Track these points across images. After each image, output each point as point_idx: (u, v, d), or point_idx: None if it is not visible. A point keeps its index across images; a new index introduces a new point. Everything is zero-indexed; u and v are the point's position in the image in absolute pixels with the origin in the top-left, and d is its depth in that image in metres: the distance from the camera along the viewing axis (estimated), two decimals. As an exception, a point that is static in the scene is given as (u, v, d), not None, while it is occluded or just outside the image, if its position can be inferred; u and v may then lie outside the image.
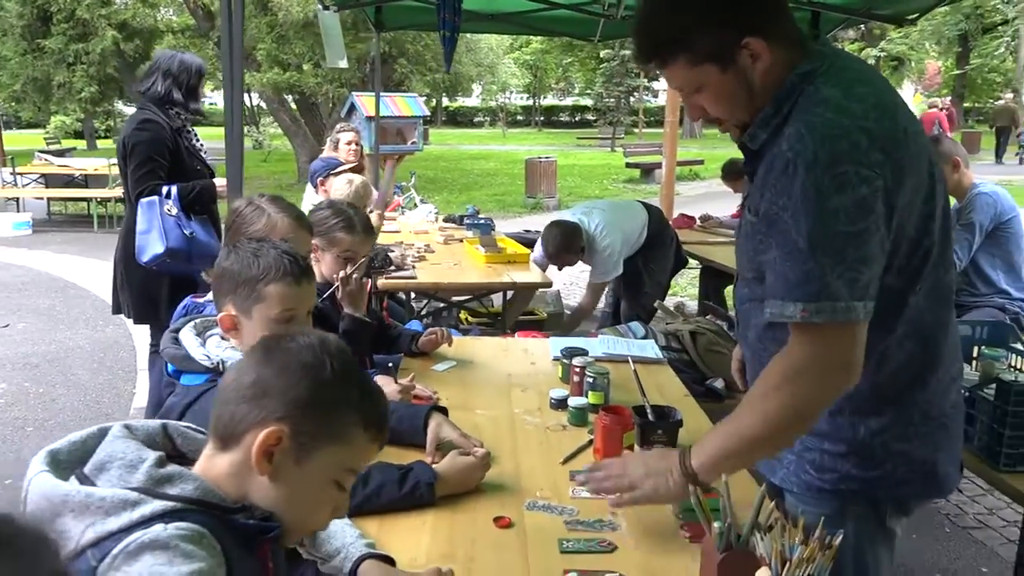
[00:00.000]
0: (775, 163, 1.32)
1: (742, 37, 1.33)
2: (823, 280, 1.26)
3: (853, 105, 1.30)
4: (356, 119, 11.93)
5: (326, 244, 2.51)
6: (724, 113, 1.43)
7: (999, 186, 3.96)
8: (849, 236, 1.26)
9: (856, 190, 1.25)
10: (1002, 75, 31.65)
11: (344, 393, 1.05)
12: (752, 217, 1.42)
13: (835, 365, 1.31)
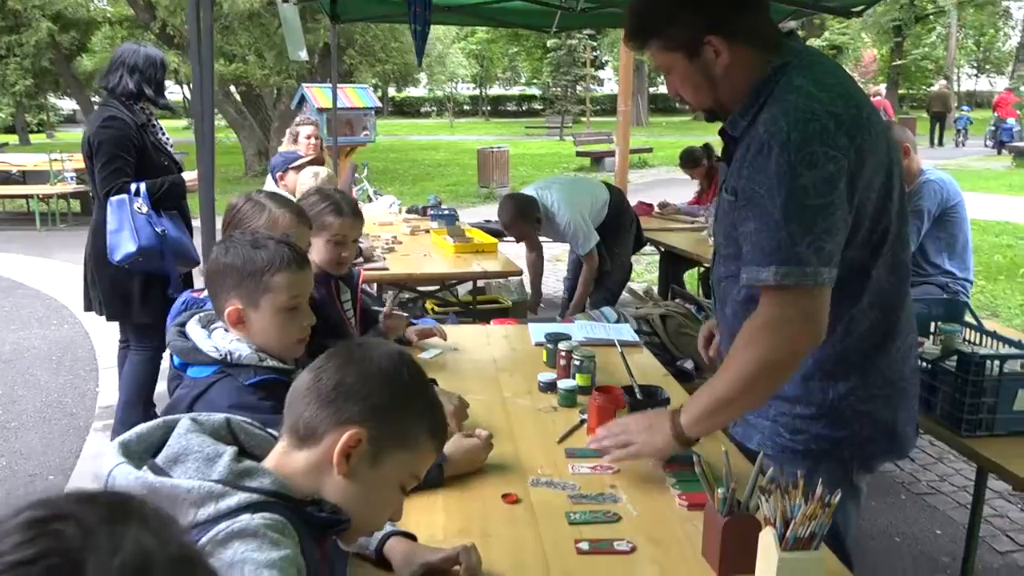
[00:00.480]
0: (752, 145, 1.48)
1: (705, 34, 1.52)
2: (793, 248, 1.43)
3: (822, 93, 1.47)
4: (307, 111, 11.83)
5: (315, 229, 2.45)
6: (688, 96, 1.65)
7: (945, 172, 4.16)
8: (817, 209, 1.42)
9: (824, 168, 1.41)
10: (934, 63, 32.76)
11: (417, 402, 1.13)
12: (730, 196, 1.59)
13: (800, 323, 1.46)
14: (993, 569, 2.99)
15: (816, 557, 1.23)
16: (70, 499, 0.64)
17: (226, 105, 16.17)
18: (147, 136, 3.58)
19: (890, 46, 30.85)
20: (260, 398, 1.60)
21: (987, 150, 20.13)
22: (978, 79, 41.47)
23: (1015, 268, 7.68)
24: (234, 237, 1.71)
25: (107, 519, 0.63)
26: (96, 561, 0.58)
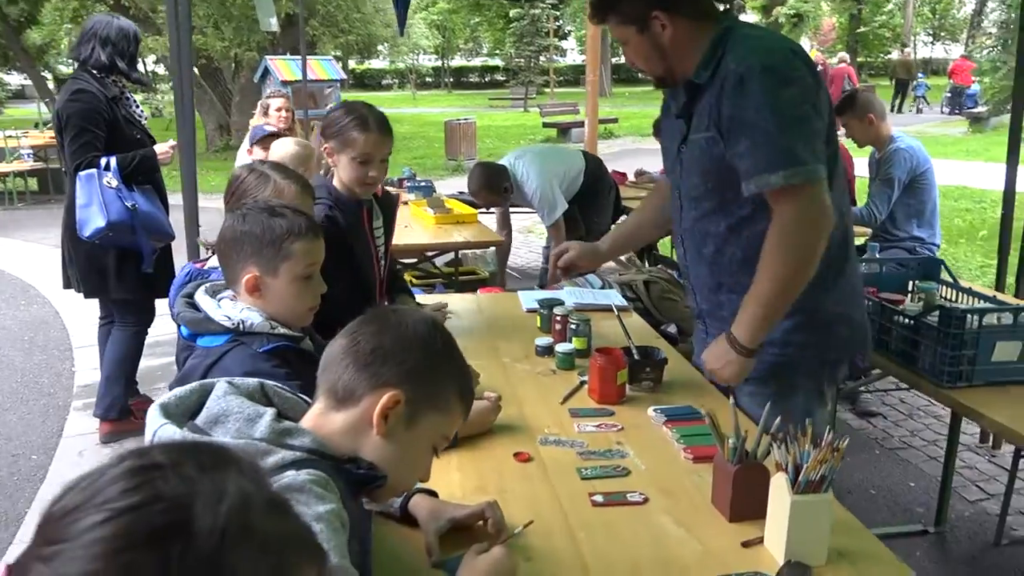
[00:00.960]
0: (727, 82, 1.73)
1: (652, 9, 1.78)
2: (793, 151, 1.67)
3: (776, 35, 1.88)
4: (271, 83, 11.65)
5: (339, 146, 2.29)
6: (642, 65, 1.90)
7: (915, 139, 4.26)
8: (801, 118, 1.70)
9: (796, 85, 1.71)
10: (891, 31, 33.16)
11: (449, 365, 1.17)
12: (708, 133, 1.80)
13: (818, 213, 1.70)
14: (965, 517, 3.14)
15: (826, 499, 1.30)
16: (170, 448, 0.67)
17: (183, 79, 15.80)
18: (118, 109, 3.52)
19: (849, 15, 31.15)
20: (274, 365, 1.61)
21: (944, 116, 20.50)
22: (933, 46, 42.11)
23: (974, 231, 7.90)
24: (249, 206, 1.72)
25: (208, 466, 0.66)
26: (203, 505, 0.61)
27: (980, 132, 16.27)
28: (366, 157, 2.27)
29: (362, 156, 2.27)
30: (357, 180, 2.30)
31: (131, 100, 3.74)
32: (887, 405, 4.18)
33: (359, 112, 2.30)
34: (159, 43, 13.29)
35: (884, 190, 4.13)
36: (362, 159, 2.27)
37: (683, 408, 1.90)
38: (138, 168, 3.51)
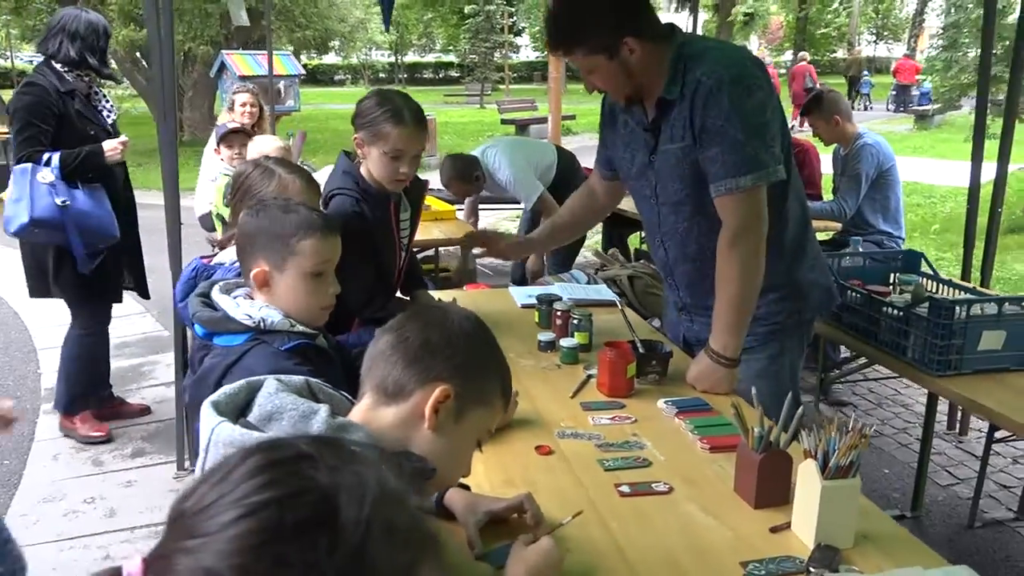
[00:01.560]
0: (697, 94, 1.89)
1: (623, 37, 1.89)
2: (758, 157, 1.89)
3: (730, 47, 2.09)
4: (227, 78, 11.43)
5: (370, 138, 2.19)
6: (610, 89, 2.04)
7: (879, 136, 4.39)
8: (762, 125, 1.90)
9: (758, 94, 1.90)
10: (836, 30, 33.94)
11: (494, 360, 1.19)
12: (683, 143, 1.97)
13: (761, 211, 1.93)
14: (938, 501, 3.26)
15: (854, 483, 1.36)
16: (306, 442, 0.68)
17: (135, 73, 15.44)
18: (71, 104, 3.37)
19: (796, 14, 31.76)
20: (296, 363, 1.61)
21: (889, 114, 21.10)
22: (877, 45, 43.24)
23: (927, 225, 8.16)
24: (267, 202, 1.71)
25: (346, 459, 0.67)
26: (347, 497, 0.62)
27: (925, 129, 16.79)
28: (398, 153, 2.17)
29: (394, 151, 2.17)
30: (387, 176, 2.22)
31: (100, 95, 3.64)
32: (857, 395, 4.31)
33: (394, 103, 2.17)
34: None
35: (852, 186, 4.25)
36: (394, 154, 2.17)
37: (693, 400, 1.95)
38: (83, 165, 3.35)
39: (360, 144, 2.23)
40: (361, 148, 2.23)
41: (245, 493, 0.62)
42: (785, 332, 2.15)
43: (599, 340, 2.31)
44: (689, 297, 2.23)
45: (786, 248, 2.09)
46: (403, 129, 2.16)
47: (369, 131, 2.18)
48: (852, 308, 2.61)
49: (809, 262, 2.16)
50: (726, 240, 1.96)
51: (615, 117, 2.21)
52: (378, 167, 2.22)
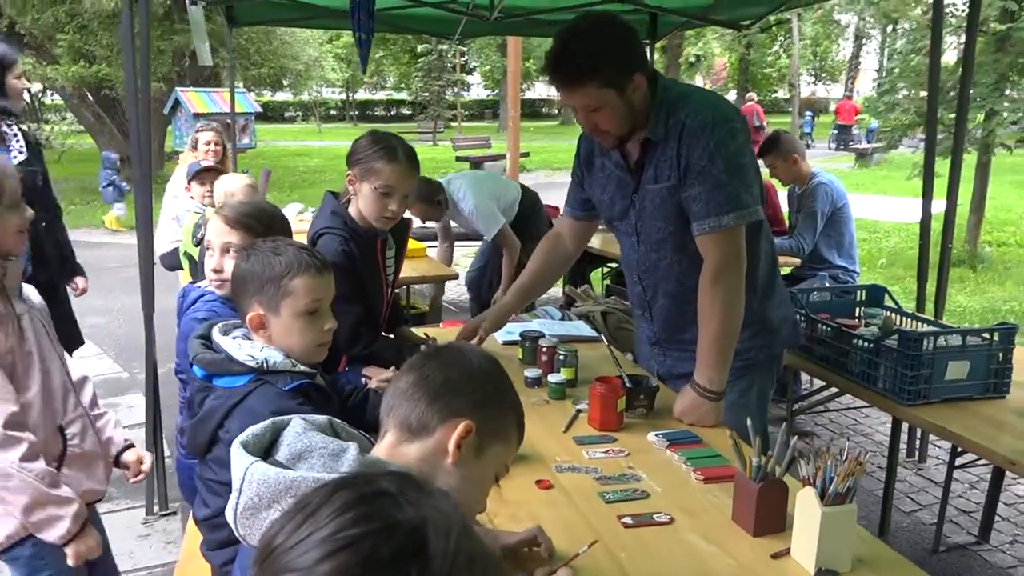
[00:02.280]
0: (683, 134, 1.97)
1: (633, 73, 1.95)
2: (740, 197, 1.98)
3: (708, 91, 2.21)
4: (181, 115, 11.35)
5: (363, 174, 2.26)
6: (614, 127, 2.04)
7: (831, 174, 4.58)
8: (744, 166, 1.99)
9: (738, 136, 1.99)
10: (777, 71, 35.21)
11: (510, 398, 1.23)
12: (668, 183, 2.04)
13: (740, 250, 2.02)
14: (903, 527, 3.36)
15: (852, 509, 1.42)
16: (382, 478, 0.71)
17: (83, 109, 15.21)
18: None
19: (739, 55, 32.88)
20: (299, 403, 1.62)
21: (831, 152, 21.89)
22: (816, 86, 44.92)
23: (873, 260, 8.46)
24: (256, 245, 1.72)
25: (424, 494, 0.70)
26: (434, 530, 0.66)
27: (866, 167, 17.51)
28: (388, 189, 2.25)
29: (384, 187, 2.24)
30: (376, 212, 2.28)
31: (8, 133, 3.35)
32: (818, 425, 4.43)
33: (387, 142, 2.27)
34: (58, 71, 12.75)
35: (809, 223, 4.41)
36: (384, 190, 2.24)
37: (683, 432, 2.01)
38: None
39: (352, 180, 2.30)
40: (353, 184, 2.30)
41: (338, 528, 0.65)
42: (756, 367, 2.23)
43: (584, 375, 2.36)
44: (664, 332, 2.30)
45: (759, 286, 2.18)
46: (395, 166, 2.24)
47: (362, 167, 2.26)
48: (823, 341, 2.72)
49: (778, 298, 2.26)
50: (708, 277, 2.03)
51: (592, 160, 2.28)
52: (368, 203, 2.27)
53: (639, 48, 2.00)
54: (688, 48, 26.15)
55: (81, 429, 1.95)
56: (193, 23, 4.43)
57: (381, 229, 2.37)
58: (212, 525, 1.69)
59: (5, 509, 1.77)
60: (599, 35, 1.95)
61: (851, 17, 29.19)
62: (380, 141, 2.27)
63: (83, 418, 1.97)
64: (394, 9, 5.43)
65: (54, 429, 1.88)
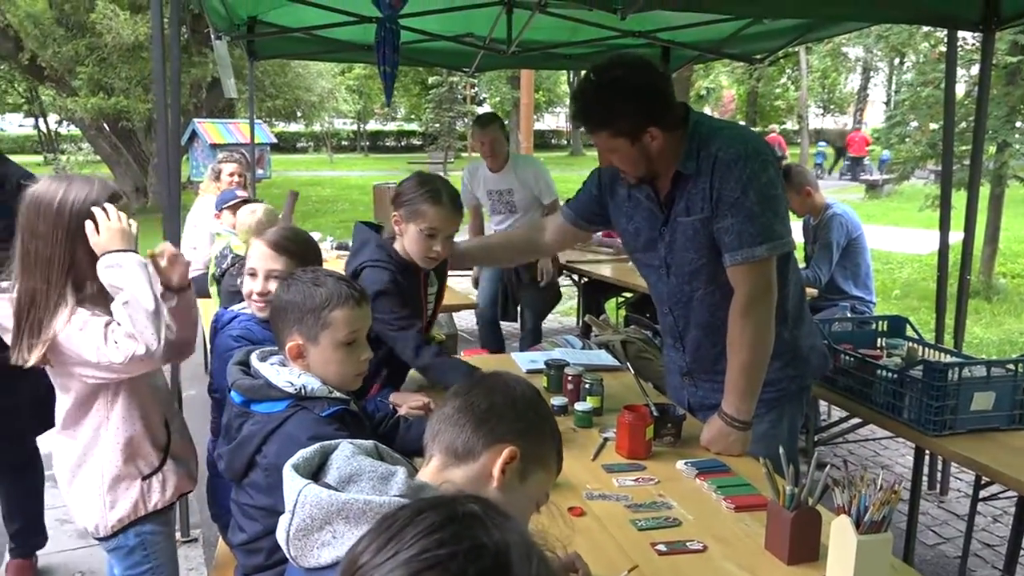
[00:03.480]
0: (716, 167, 2.00)
1: (647, 126, 2.00)
2: (773, 228, 2.00)
3: (739, 125, 2.30)
4: (198, 146, 11.52)
5: (409, 216, 2.33)
6: (629, 170, 2.13)
7: (847, 205, 4.62)
8: (776, 197, 2.02)
9: (770, 168, 2.02)
10: (785, 103, 35.43)
11: (551, 426, 1.26)
12: (700, 215, 2.06)
13: (772, 280, 2.04)
14: (927, 560, 3.34)
15: (887, 537, 1.43)
16: (466, 501, 0.73)
17: (100, 140, 15.44)
18: None
19: (747, 88, 33.14)
20: (336, 429, 1.65)
21: (841, 183, 21.96)
22: (824, 118, 45.15)
23: (888, 291, 8.46)
24: (295, 275, 1.76)
25: (505, 518, 0.72)
26: (517, 555, 0.68)
27: (876, 198, 17.54)
28: (433, 231, 2.32)
29: (430, 229, 2.31)
30: (422, 253, 2.35)
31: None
32: (838, 456, 4.41)
33: (433, 184, 2.35)
34: (77, 103, 12.96)
35: (824, 254, 4.43)
36: (429, 232, 2.31)
37: (711, 461, 2.02)
38: None
39: (398, 221, 2.36)
40: (399, 225, 2.37)
41: (424, 548, 0.67)
42: (788, 397, 2.23)
43: (609, 403, 2.38)
44: (696, 363, 2.31)
45: (790, 315, 2.19)
46: (440, 209, 2.32)
47: (408, 209, 2.33)
48: (846, 371, 2.73)
49: (807, 327, 2.28)
50: (739, 308, 2.05)
51: (616, 187, 2.31)
52: (414, 244, 2.34)
53: (660, 98, 2.02)
54: (699, 81, 26.40)
55: (180, 425, 2.09)
56: (218, 57, 4.53)
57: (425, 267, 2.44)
58: (249, 550, 1.71)
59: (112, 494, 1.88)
60: (619, 87, 1.99)
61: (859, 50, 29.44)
62: (425, 183, 2.35)
63: (179, 415, 2.13)
64: (412, 43, 5.53)
65: (161, 421, 2.00)
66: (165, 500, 1.97)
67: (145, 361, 1.79)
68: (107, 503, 1.90)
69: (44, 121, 31.19)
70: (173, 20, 3.19)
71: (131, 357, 1.76)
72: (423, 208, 2.31)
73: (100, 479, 1.89)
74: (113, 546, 1.94)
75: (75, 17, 13.11)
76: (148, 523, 1.96)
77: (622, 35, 5.25)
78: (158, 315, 1.80)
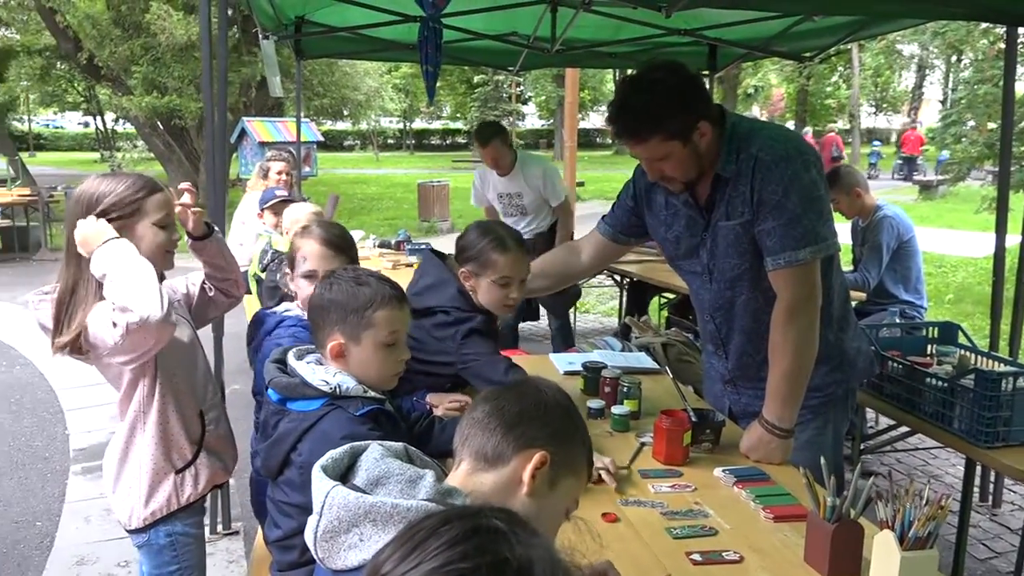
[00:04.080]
0: (756, 169, 1.95)
1: (697, 121, 1.95)
2: (816, 230, 1.93)
3: (779, 126, 2.17)
4: (247, 144, 11.71)
5: (479, 269, 2.32)
6: (681, 175, 2.04)
7: (898, 207, 4.49)
8: (819, 198, 1.96)
9: (812, 169, 1.95)
10: (836, 101, 34.71)
11: (582, 432, 1.24)
12: (741, 219, 2.01)
13: (816, 284, 1.97)
14: (977, 574, 3.23)
15: (932, 555, 1.38)
16: (492, 514, 0.72)
17: (154, 138, 15.79)
18: None
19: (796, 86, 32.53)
20: (369, 428, 1.65)
21: (893, 183, 21.45)
22: (876, 117, 44.13)
23: (940, 295, 8.22)
24: (338, 274, 1.77)
25: (530, 532, 0.71)
26: (541, 568, 0.67)
27: (930, 199, 17.07)
28: (507, 279, 2.29)
29: (503, 279, 2.29)
30: (498, 302, 2.32)
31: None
32: (885, 465, 4.30)
33: (497, 233, 2.32)
34: (132, 102, 13.27)
35: (874, 257, 4.32)
36: (503, 281, 2.29)
37: (750, 469, 1.97)
38: None
39: (468, 276, 2.33)
40: (469, 280, 2.33)
41: (448, 560, 0.66)
42: (834, 402, 2.18)
43: (647, 407, 2.35)
44: (739, 370, 2.25)
45: (834, 319, 2.13)
46: (509, 254, 2.29)
47: (477, 263, 2.30)
48: (893, 378, 2.65)
49: (853, 330, 2.21)
50: (782, 313, 1.99)
51: (652, 196, 2.26)
52: (488, 295, 2.32)
53: (702, 94, 1.99)
54: (747, 79, 26.00)
55: (217, 416, 2.12)
56: (265, 56, 4.59)
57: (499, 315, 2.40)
58: (283, 547, 1.72)
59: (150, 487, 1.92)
60: (659, 88, 1.94)
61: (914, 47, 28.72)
62: (488, 233, 2.32)
63: (218, 406, 2.15)
64: (456, 42, 5.54)
65: (196, 414, 2.03)
66: (197, 493, 2.00)
67: (146, 328, 1.72)
68: (144, 495, 1.94)
69: (102, 119, 32.06)
70: (222, 21, 3.24)
71: (127, 328, 1.71)
72: (493, 257, 2.28)
73: (139, 470, 1.94)
74: (143, 541, 1.97)
75: (131, 18, 13.42)
76: (179, 523, 1.98)
77: (667, 33, 5.18)
78: (146, 280, 1.75)
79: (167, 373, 1.95)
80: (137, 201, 1.87)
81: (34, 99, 29.56)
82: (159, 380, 1.94)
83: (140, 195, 1.88)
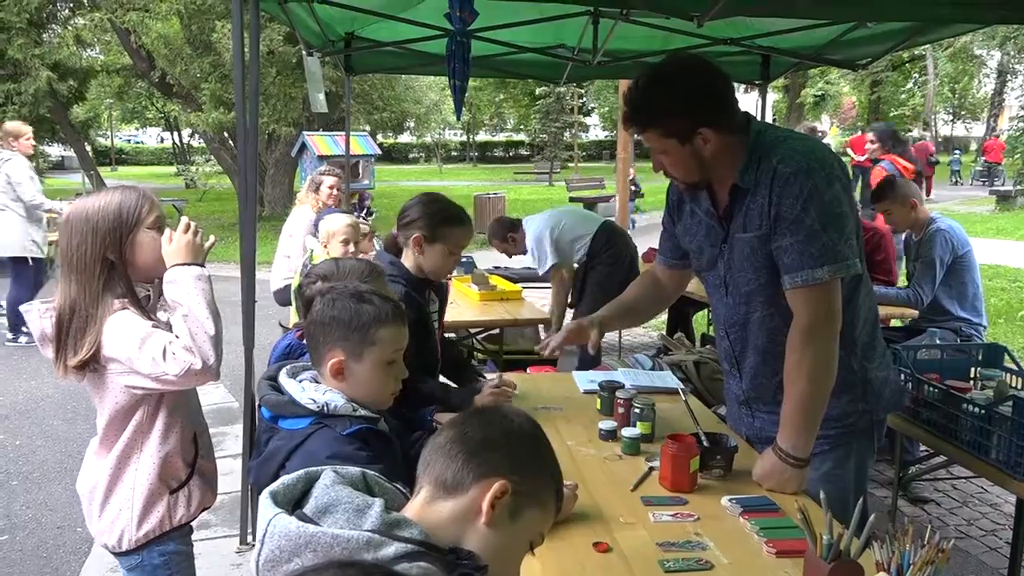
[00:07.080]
0: (774, 181, 1.86)
1: (698, 127, 1.87)
2: (836, 249, 1.83)
3: (807, 137, 2.01)
4: (307, 157, 11.98)
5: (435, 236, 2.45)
6: (680, 175, 2.01)
7: (952, 220, 4.28)
8: (841, 215, 1.85)
9: (835, 185, 1.84)
10: (911, 109, 33.58)
11: (549, 462, 1.20)
12: (758, 232, 1.92)
13: (837, 306, 1.86)
14: (1032, 612, 3.02)
15: (931, 601, 1.28)
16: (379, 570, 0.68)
17: (222, 152, 16.30)
18: None
19: (868, 94, 31.61)
20: (356, 448, 1.63)
21: (968, 193, 20.61)
22: (954, 125, 42.53)
23: (1013, 311, 7.82)
24: (339, 291, 1.75)
25: None
26: None
27: (1008, 210, 16.30)
28: (458, 249, 2.46)
29: (456, 248, 2.44)
30: (443, 269, 2.47)
31: None
32: (939, 492, 4.08)
33: (454, 208, 2.48)
34: (200, 118, 13.74)
35: (927, 272, 4.12)
36: (454, 251, 2.45)
37: (759, 499, 1.88)
38: None
39: (419, 242, 2.44)
40: (419, 245, 2.44)
41: None
42: (856, 434, 2.04)
43: (662, 430, 2.27)
44: (754, 391, 2.13)
45: (859, 344, 2.01)
46: (466, 228, 2.48)
47: (435, 230, 2.44)
48: (929, 403, 2.50)
49: (880, 359, 2.08)
50: (798, 335, 1.89)
51: (682, 206, 2.20)
52: (435, 261, 2.46)
53: (713, 102, 1.90)
54: (808, 88, 25.37)
55: (207, 442, 2.13)
56: (309, 73, 4.66)
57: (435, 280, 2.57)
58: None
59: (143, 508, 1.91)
60: (671, 84, 1.89)
61: (993, 52, 27.57)
62: (449, 206, 2.49)
63: (207, 432, 2.15)
64: (499, 56, 5.55)
65: (191, 438, 2.04)
66: (189, 515, 2.00)
67: (199, 375, 1.82)
68: (136, 517, 1.92)
69: (178, 134, 33.32)
70: (253, 40, 3.30)
71: (187, 370, 1.79)
72: (453, 229, 2.42)
73: (132, 492, 1.91)
74: (135, 563, 1.95)
75: (201, 37, 13.91)
76: (172, 542, 1.98)
77: (714, 43, 5.08)
78: (215, 330, 1.85)
79: (174, 396, 1.94)
80: (140, 209, 1.90)
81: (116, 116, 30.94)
82: (165, 403, 1.93)
83: (141, 203, 1.91)
